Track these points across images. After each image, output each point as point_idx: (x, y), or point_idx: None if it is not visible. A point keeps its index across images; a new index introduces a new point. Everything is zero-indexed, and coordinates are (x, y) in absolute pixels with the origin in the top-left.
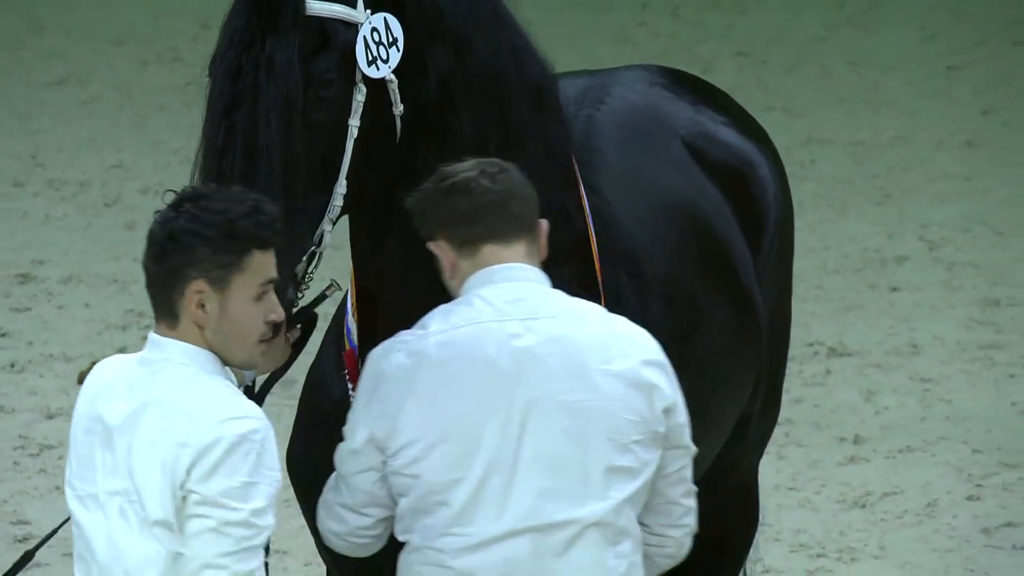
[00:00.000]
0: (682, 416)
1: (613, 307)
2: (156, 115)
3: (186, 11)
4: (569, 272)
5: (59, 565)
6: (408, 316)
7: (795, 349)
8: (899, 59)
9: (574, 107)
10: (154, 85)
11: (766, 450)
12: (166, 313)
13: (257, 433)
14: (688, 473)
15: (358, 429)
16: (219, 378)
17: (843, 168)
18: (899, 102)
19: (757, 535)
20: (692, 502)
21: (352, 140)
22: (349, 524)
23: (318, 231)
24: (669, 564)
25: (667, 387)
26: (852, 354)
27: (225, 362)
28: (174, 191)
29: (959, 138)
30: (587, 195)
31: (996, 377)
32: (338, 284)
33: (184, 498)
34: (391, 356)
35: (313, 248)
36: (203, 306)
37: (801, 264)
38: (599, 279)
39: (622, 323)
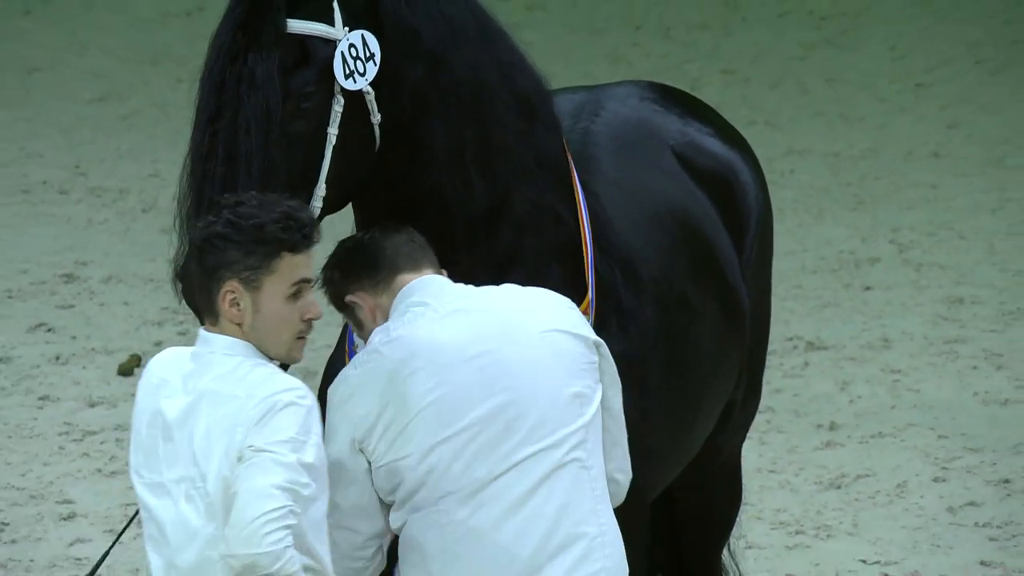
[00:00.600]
0: (607, 350)
1: (606, 305)
2: (189, 129)
3: None
4: (559, 270)
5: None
6: None
7: (775, 343)
8: (871, 77)
9: (571, 120)
10: (188, 101)
11: (749, 435)
12: (208, 311)
13: (304, 399)
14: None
15: (337, 436)
16: (262, 362)
17: (820, 177)
18: (871, 116)
19: (740, 513)
20: (626, 448)
21: (331, 147)
22: (340, 546)
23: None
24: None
25: (588, 328)
26: (828, 348)
27: (265, 355)
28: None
29: (926, 150)
30: (585, 199)
31: (960, 369)
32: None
33: (239, 459)
34: (345, 376)
35: None
36: (237, 304)
37: (781, 265)
38: (588, 276)
39: (539, 291)
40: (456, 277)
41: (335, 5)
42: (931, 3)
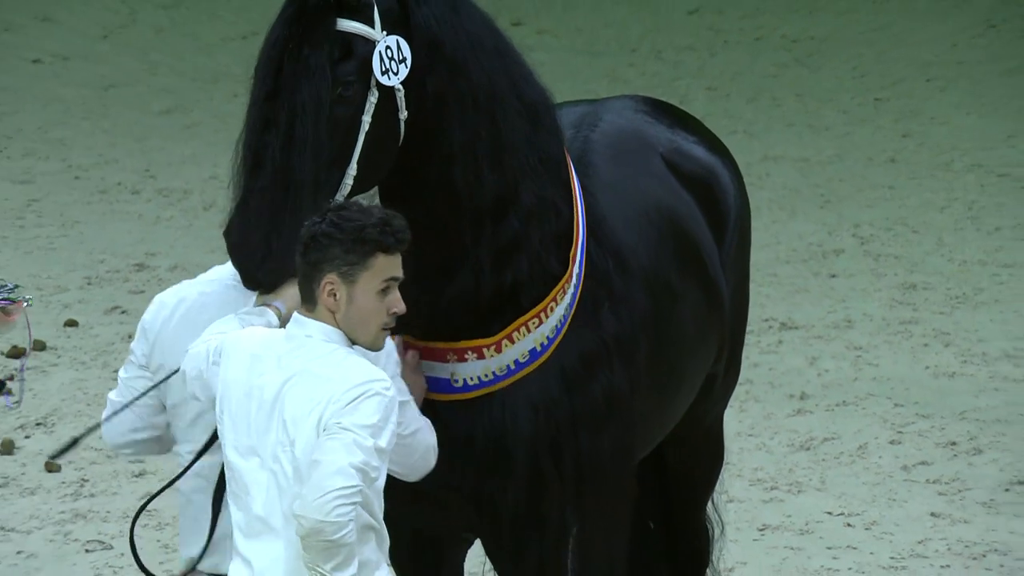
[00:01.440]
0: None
1: (599, 291)
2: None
3: None
4: (556, 255)
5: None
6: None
7: (753, 323)
8: (835, 93)
9: (574, 129)
10: (244, 113)
11: (730, 404)
12: (307, 298)
13: (388, 391)
14: None
15: None
16: (354, 352)
17: (791, 180)
18: (836, 127)
19: (723, 471)
20: None
21: (364, 133)
22: None
23: (334, 200)
24: None
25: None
26: (799, 327)
27: (352, 342)
28: None
29: (884, 156)
30: (584, 198)
31: (913, 346)
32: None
33: (324, 429)
34: None
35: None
36: (334, 295)
37: (758, 256)
38: (578, 259)
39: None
40: (463, 263)
41: (375, 11)
42: (887, 29)
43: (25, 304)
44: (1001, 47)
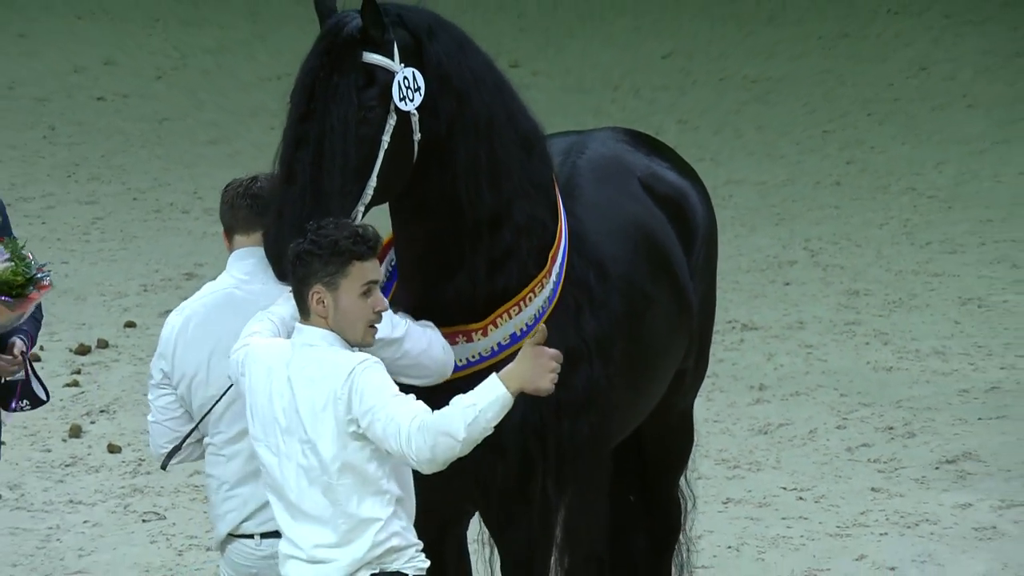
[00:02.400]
0: None
1: (581, 296)
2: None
3: None
4: (538, 263)
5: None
6: (409, 269)
7: (718, 325)
8: (790, 125)
9: (563, 155)
10: (278, 142)
11: (699, 394)
12: (302, 309)
13: (374, 362)
14: None
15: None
16: (341, 347)
17: (751, 200)
18: (789, 155)
19: (693, 452)
20: None
21: (383, 150)
22: None
23: (355, 209)
24: None
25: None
26: (758, 328)
27: (346, 341)
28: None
29: (830, 180)
30: (568, 218)
31: (856, 344)
32: None
33: (351, 433)
34: None
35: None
36: (322, 302)
37: (723, 266)
38: (561, 270)
39: None
40: (462, 267)
41: (395, 47)
42: (834, 71)
43: (48, 286)
44: (931, 87)
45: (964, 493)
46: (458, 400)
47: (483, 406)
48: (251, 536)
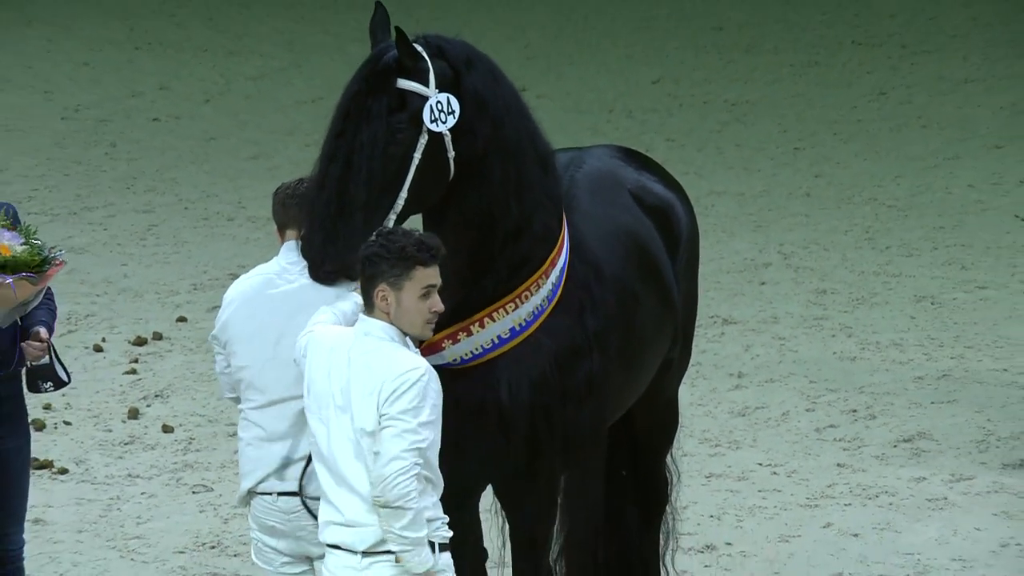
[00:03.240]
0: None
1: (582, 296)
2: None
3: None
4: (551, 268)
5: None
6: (446, 287)
7: (701, 319)
8: (765, 143)
9: (563, 170)
10: (313, 158)
11: (684, 381)
12: (367, 303)
13: (424, 376)
14: None
15: None
16: (399, 344)
17: (731, 209)
18: (765, 169)
19: (678, 432)
20: None
21: (414, 166)
22: None
23: (386, 220)
24: None
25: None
26: (737, 323)
27: (404, 334)
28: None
29: (801, 191)
30: (568, 226)
31: (824, 337)
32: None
33: (379, 420)
34: None
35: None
36: (385, 300)
37: (705, 268)
38: (563, 274)
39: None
40: (487, 272)
41: (431, 75)
42: (804, 95)
43: (62, 263)
44: (889, 109)
45: (919, 468)
46: (415, 526)
47: (415, 552)
48: (269, 494)
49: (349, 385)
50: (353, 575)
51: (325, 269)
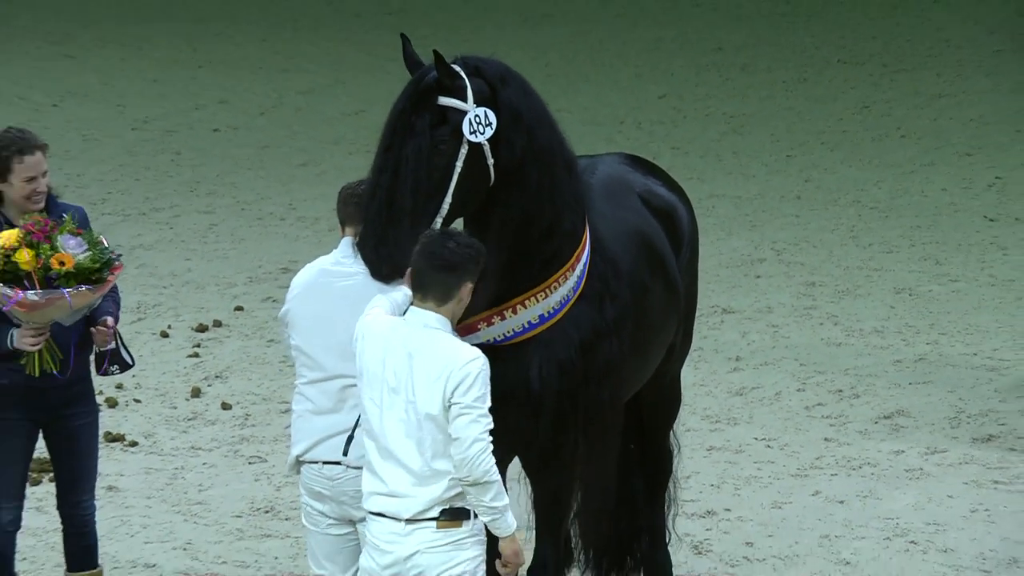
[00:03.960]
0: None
1: (602, 288)
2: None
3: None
4: (575, 263)
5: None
6: (485, 282)
7: (702, 309)
8: (760, 152)
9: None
10: (356, 165)
11: (686, 364)
12: (439, 296)
13: (485, 365)
14: None
15: None
16: (453, 334)
17: (729, 211)
18: (760, 175)
19: (681, 410)
20: None
21: (457, 174)
22: None
23: (433, 221)
24: None
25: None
26: (734, 312)
27: (452, 326)
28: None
29: (792, 195)
30: (588, 224)
31: (813, 324)
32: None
33: (449, 408)
34: None
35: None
36: (467, 295)
37: (706, 263)
38: (586, 268)
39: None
40: (523, 267)
41: (469, 92)
42: (794, 108)
43: (120, 267)
44: (871, 121)
45: (897, 442)
46: (500, 496)
47: (502, 517)
48: (315, 462)
49: (410, 372)
50: (397, 539)
51: (382, 272)
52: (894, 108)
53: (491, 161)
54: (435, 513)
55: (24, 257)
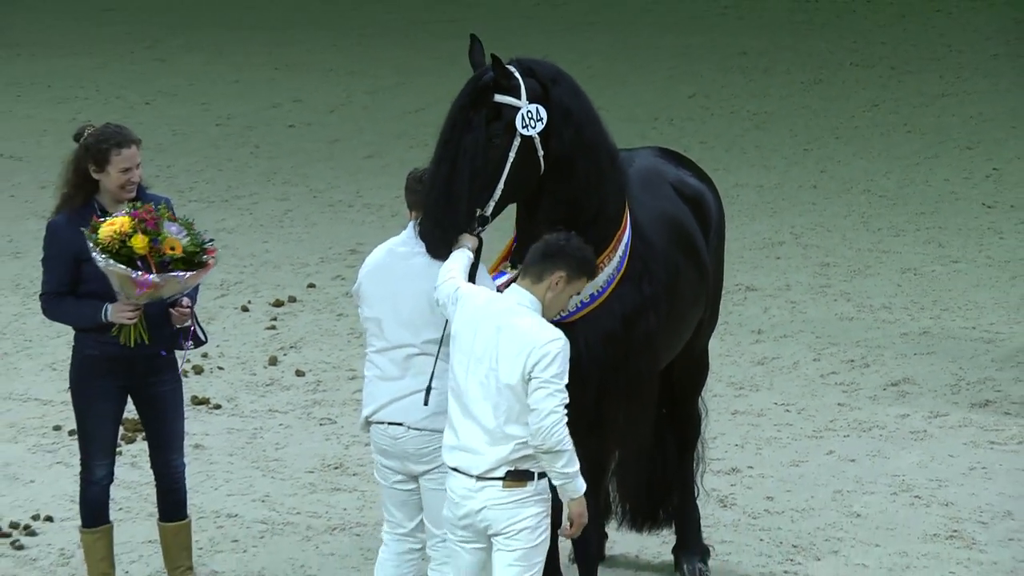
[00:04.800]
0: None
1: (642, 268)
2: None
3: (435, 123)
4: (616, 245)
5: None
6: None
7: (728, 287)
8: (779, 146)
9: None
10: (417, 158)
11: (713, 337)
12: (534, 276)
13: (566, 346)
14: None
15: None
16: (540, 315)
17: (752, 199)
18: (779, 166)
19: (708, 378)
20: None
21: (509, 164)
22: None
23: (487, 206)
24: None
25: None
26: (757, 289)
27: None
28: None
29: (809, 184)
30: (628, 212)
31: (827, 300)
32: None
33: (529, 381)
34: None
35: (481, 215)
36: (557, 284)
37: (732, 245)
38: (627, 249)
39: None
40: None
41: (522, 90)
42: (810, 106)
43: (215, 251)
44: (880, 118)
45: (903, 407)
46: (571, 462)
47: (572, 482)
48: (381, 423)
49: (496, 344)
50: (469, 495)
51: (440, 252)
52: (901, 106)
53: (541, 153)
54: (501, 473)
55: (139, 242)
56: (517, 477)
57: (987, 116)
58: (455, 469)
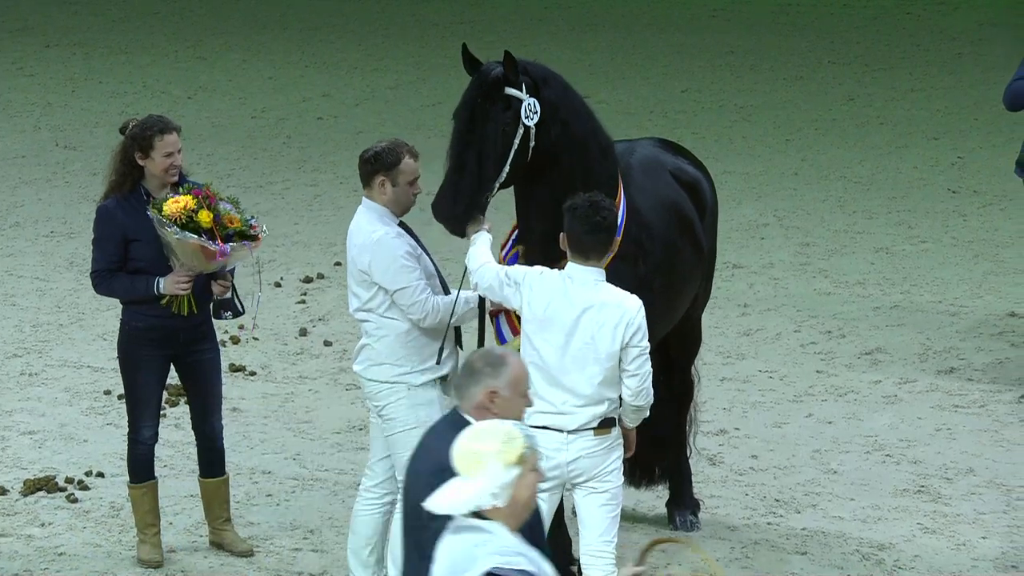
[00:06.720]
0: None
1: (636, 249)
2: (429, 173)
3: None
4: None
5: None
6: (534, 244)
7: (718, 265)
8: (764, 136)
9: (620, 157)
10: (434, 147)
11: (705, 311)
12: (601, 253)
13: (642, 310)
14: None
15: None
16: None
17: (739, 185)
18: (763, 155)
19: (700, 347)
20: None
21: (513, 151)
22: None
23: (494, 183)
24: None
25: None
26: (743, 267)
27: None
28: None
29: (790, 171)
30: (625, 197)
31: (808, 277)
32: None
33: (625, 348)
34: None
35: (487, 196)
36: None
37: (721, 227)
38: (619, 232)
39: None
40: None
41: (524, 85)
42: (792, 101)
43: (258, 224)
44: (856, 111)
45: (876, 374)
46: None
47: (640, 420)
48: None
49: (589, 320)
50: (561, 447)
51: (458, 229)
52: (874, 100)
53: (532, 144)
54: (594, 425)
55: (206, 217)
56: (604, 425)
57: (952, 109)
58: (544, 427)
